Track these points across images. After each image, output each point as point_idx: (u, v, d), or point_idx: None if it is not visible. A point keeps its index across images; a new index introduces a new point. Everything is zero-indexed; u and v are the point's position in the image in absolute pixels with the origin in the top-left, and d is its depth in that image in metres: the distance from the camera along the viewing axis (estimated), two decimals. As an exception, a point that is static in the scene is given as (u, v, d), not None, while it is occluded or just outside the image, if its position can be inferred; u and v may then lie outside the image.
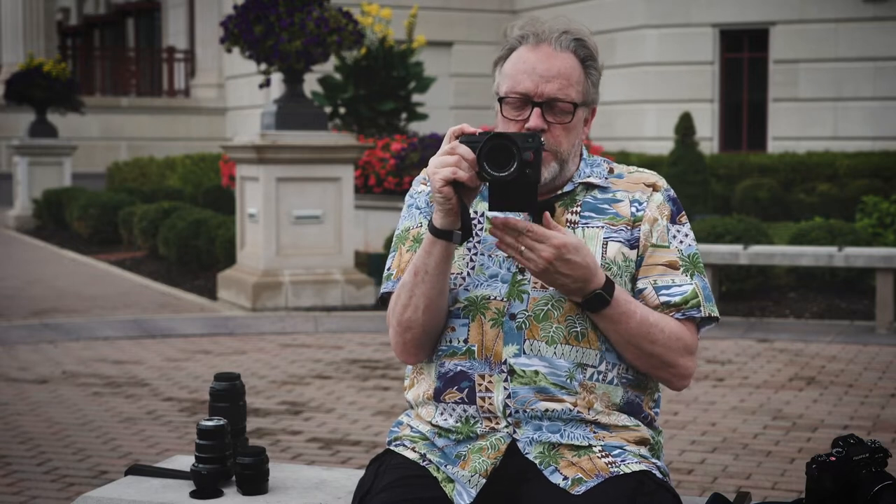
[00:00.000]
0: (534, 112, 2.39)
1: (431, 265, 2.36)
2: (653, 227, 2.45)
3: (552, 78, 2.39)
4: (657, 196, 2.48)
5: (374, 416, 5.98)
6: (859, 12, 16.54)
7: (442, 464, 2.40)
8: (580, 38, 2.44)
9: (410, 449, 2.46)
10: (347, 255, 10.07)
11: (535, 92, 2.39)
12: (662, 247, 2.45)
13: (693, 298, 2.43)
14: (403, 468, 2.41)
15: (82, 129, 22.45)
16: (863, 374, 7.03)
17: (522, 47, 2.44)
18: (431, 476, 2.38)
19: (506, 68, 2.46)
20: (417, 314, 2.41)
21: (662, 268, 2.44)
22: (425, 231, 2.39)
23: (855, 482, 2.24)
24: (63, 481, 4.85)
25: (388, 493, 2.34)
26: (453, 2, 20.75)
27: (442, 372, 2.44)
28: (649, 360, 2.40)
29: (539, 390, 2.36)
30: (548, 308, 2.38)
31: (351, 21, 10.02)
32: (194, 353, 7.82)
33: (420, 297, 2.39)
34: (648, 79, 18.03)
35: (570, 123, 2.41)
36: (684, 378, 2.45)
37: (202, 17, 24.44)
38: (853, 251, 8.80)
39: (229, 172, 14.56)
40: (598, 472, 2.33)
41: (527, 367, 2.37)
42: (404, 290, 2.41)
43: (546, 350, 2.37)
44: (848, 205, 13.60)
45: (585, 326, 2.38)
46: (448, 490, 2.36)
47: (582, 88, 2.43)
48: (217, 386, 2.72)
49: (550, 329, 2.37)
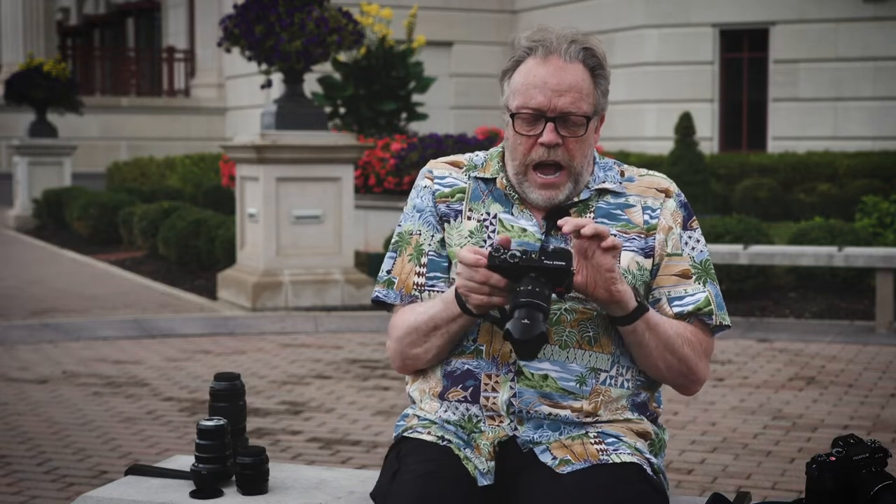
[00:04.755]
0: (547, 127, 2.38)
1: (454, 329, 2.39)
2: (667, 236, 2.46)
3: (564, 92, 2.38)
4: (670, 203, 2.48)
5: (374, 416, 5.98)
6: (859, 12, 16.54)
7: (460, 445, 2.41)
8: (588, 48, 2.42)
9: (426, 433, 2.45)
10: (347, 255, 10.07)
11: (549, 107, 2.38)
12: (676, 255, 2.46)
13: (706, 307, 2.45)
14: (427, 448, 2.41)
15: (82, 129, 22.45)
16: (863, 374, 7.03)
17: (531, 59, 2.42)
18: (455, 454, 2.38)
19: (515, 82, 2.43)
20: (427, 356, 2.45)
21: (676, 278, 2.45)
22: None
23: (855, 482, 2.24)
24: (63, 481, 4.85)
25: (419, 465, 2.34)
26: (453, 2, 20.74)
27: (448, 370, 2.45)
28: (678, 368, 2.42)
29: (544, 395, 2.37)
30: (560, 312, 2.38)
31: (351, 21, 10.02)
32: (194, 353, 7.82)
33: (434, 347, 2.42)
34: (648, 79, 18.03)
35: (584, 136, 2.41)
36: (700, 383, 2.49)
37: (202, 17, 24.45)
38: (853, 251, 8.80)
39: (229, 172, 14.56)
40: (587, 458, 2.34)
41: (536, 370, 2.37)
42: (417, 335, 2.43)
43: (559, 354, 2.38)
44: (848, 205, 13.59)
45: (598, 331, 2.39)
46: (470, 468, 2.36)
47: (593, 99, 2.42)
48: (217, 386, 2.72)
49: (563, 333, 2.38)
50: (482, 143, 12.80)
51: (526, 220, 2.44)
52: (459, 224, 2.47)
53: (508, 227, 2.44)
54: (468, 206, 2.48)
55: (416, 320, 2.42)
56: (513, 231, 2.44)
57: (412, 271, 2.49)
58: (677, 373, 2.43)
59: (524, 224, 2.44)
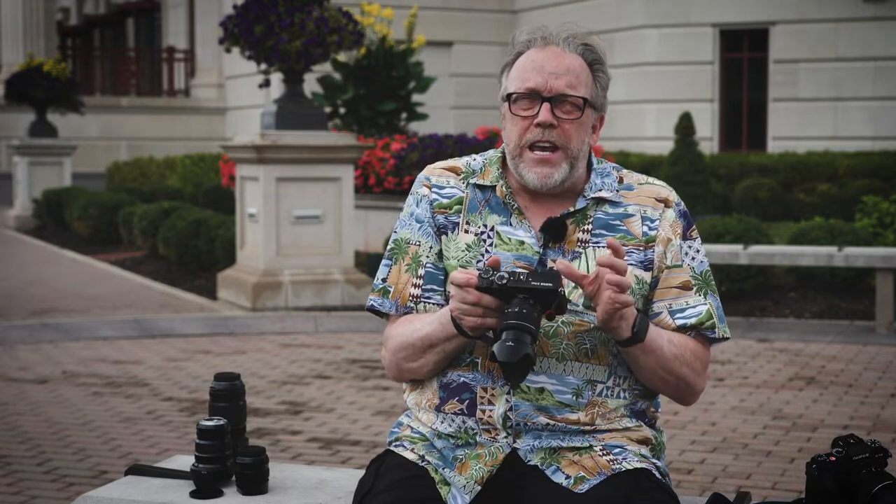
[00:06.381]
0: (543, 106, 2.37)
1: (450, 348, 2.38)
2: (667, 247, 2.44)
3: (561, 75, 2.38)
4: (669, 213, 2.46)
5: (374, 416, 5.98)
6: (859, 12, 16.54)
7: (440, 466, 2.40)
8: (588, 43, 2.43)
9: (410, 450, 2.45)
10: (347, 255, 10.07)
11: (545, 87, 2.38)
12: (676, 266, 2.44)
13: (708, 320, 2.43)
14: (403, 469, 2.41)
15: (82, 129, 22.45)
16: (863, 374, 7.03)
17: (530, 50, 2.43)
18: (430, 476, 2.38)
19: (513, 70, 2.43)
20: (423, 370, 2.44)
21: (677, 290, 2.43)
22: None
23: (855, 482, 2.24)
24: (63, 481, 4.85)
25: (388, 493, 2.34)
26: (453, 2, 20.74)
27: (444, 382, 2.43)
28: (675, 384, 2.42)
29: (541, 408, 2.36)
30: (557, 325, 2.36)
31: (351, 21, 10.02)
32: (194, 353, 7.82)
33: (429, 363, 2.41)
34: (648, 79, 18.03)
35: (580, 119, 2.39)
36: (697, 395, 2.49)
37: (202, 17, 24.45)
38: (853, 251, 8.80)
39: (229, 172, 14.55)
40: (601, 470, 2.33)
41: (532, 383, 2.36)
42: (413, 350, 2.42)
43: (555, 367, 2.37)
44: (848, 205, 13.58)
45: (595, 343, 2.38)
46: (443, 493, 2.35)
47: (590, 89, 2.41)
48: (217, 386, 2.72)
49: (560, 346, 2.36)
50: (482, 143, 12.80)
51: (524, 232, 2.42)
52: (456, 237, 2.45)
53: (506, 240, 2.42)
54: (465, 219, 2.45)
55: (412, 337, 2.41)
56: (510, 244, 2.41)
57: (409, 282, 2.47)
58: (674, 388, 2.43)
59: (522, 236, 2.41)
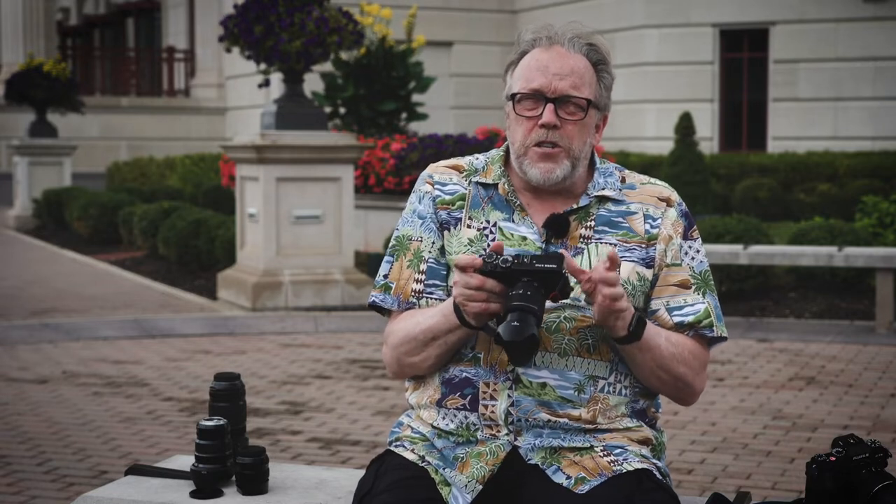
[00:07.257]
0: (547, 107, 2.39)
1: (452, 340, 2.38)
2: (667, 246, 2.45)
3: (565, 76, 2.40)
4: (671, 212, 2.47)
5: (374, 416, 5.98)
6: (859, 12, 16.54)
7: (440, 466, 2.40)
8: (592, 43, 2.44)
9: (410, 450, 2.46)
10: (347, 255, 10.07)
11: (549, 88, 2.39)
12: (675, 265, 2.45)
13: (706, 318, 2.44)
14: (403, 469, 2.41)
15: (82, 128, 22.45)
16: (863, 374, 7.03)
17: (535, 49, 2.44)
18: (430, 477, 2.38)
19: (518, 70, 2.45)
20: (425, 364, 2.44)
21: (675, 288, 2.45)
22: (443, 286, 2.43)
23: (855, 482, 2.24)
24: (63, 481, 4.85)
25: (388, 494, 2.34)
26: (453, 2, 20.75)
27: (447, 377, 2.44)
28: (673, 384, 2.42)
29: (542, 404, 2.36)
30: (559, 320, 2.37)
31: (351, 21, 10.02)
32: (194, 353, 7.82)
33: (431, 357, 2.41)
34: (648, 79, 18.03)
35: (584, 121, 2.41)
36: (697, 395, 2.49)
37: (202, 17, 24.45)
38: (853, 251, 8.80)
39: (229, 172, 14.56)
40: (601, 471, 2.33)
41: (535, 378, 2.36)
42: (415, 344, 2.42)
43: (557, 362, 2.37)
44: (848, 205, 13.59)
45: (597, 339, 2.38)
46: (444, 493, 2.35)
47: (594, 90, 2.43)
48: (217, 386, 2.72)
49: (563, 341, 2.37)
50: (482, 143, 12.80)
51: (526, 228, 2.43)
52: (459, 232, 2.46)
53: (508, 236, 2.43)
54: (468, 214, 2.47)
55: (414, 329, 2.41)
56: (513, 240, 2.42)
57: (410, 277, 2.48)
58: (673, 387, 2.44)
59: (524, 232, 2.43)
